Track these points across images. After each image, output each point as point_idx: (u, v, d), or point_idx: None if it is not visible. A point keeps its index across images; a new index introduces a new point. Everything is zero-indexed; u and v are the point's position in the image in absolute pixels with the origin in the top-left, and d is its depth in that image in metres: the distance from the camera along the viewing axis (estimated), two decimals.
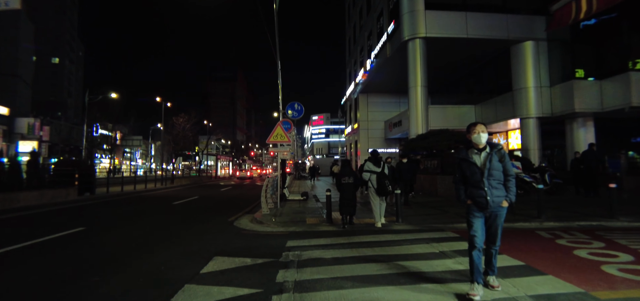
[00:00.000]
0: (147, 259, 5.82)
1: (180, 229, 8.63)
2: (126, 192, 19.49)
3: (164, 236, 7.79)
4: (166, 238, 7.51)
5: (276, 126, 12.25)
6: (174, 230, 8.57)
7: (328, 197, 8.66)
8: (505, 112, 21.50)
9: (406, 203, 11.20)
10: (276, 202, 12.18)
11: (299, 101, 16.99)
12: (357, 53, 34.64)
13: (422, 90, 19.70)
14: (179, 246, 6.67)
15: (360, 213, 9.91)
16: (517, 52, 20.34)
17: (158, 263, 5.50)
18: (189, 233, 8.01)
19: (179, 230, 8.44)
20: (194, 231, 8.27)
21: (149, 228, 8.84)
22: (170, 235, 7.83)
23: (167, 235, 7.92)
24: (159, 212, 12.00)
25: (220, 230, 8.41)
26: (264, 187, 10.88)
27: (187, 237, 7.59)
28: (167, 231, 8.34)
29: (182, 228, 8.72)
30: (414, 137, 18.84)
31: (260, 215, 10.04)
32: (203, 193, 20.40)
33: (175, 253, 6.13)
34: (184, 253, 6.16)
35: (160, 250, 6.41)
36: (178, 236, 7.73)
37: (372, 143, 31.74)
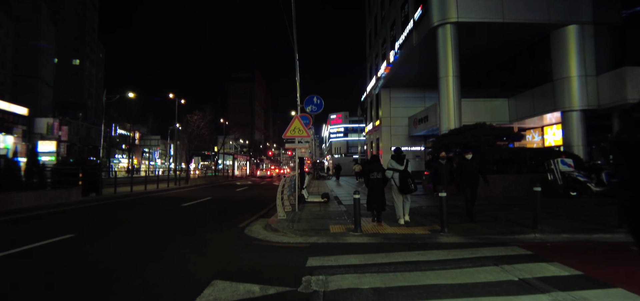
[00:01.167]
0: (128, 282, 4.44)
1: (182, 238, 7.27)
2: (136, 193, 18.42)
3: (159, 247, 6.44)
4: (161, 251, 6.15)
5: (293, 119, 10.82)
6: (174, 239, 7.22)
7: (356, 201, 7.14)
8: (544, 105, 19.50)
9: (471, 218, 8.22)
10: (294, 204, 10.75)
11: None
12: (379, 46, 32.95)
13: (454, 80, 17.93)
14: (172, 264, 5.28)
15: (387, 216, 8.37)
16: (559, 38, 18.35)
17: (139, 291, 4.11)
18: (190, 245, 6.64)
19: (180, 240, 7.08)
20: (196, 242, 6.89)
21: (145, 237, 7.51)
22: (168, 247, 6.47)
23: (164, 246, 6.56)
24: (162, 216, 10.73)
25: (227, 240, 7.01)
26: (279, 188, 9.45)
27: (186, 250, 6.21)
28: (165, 241, 6.98)
29: (183, 237, 7.36)
30: (446, 132, 17.12)
31: (275, 221, 8.61)
32: (217, 194, 19.19)
33: (167, 274, 4.75)
34: (176, 274, 4.77)
35: (148, 269, 5.04)
36: (177, 248, 6.36)
37: (395, 141, 30.00)
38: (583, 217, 8.30)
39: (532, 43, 20.41)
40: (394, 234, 6.98)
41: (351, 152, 77.67)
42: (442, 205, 7.04)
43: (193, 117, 30.61)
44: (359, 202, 7.22)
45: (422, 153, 29.26)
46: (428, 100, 29.52)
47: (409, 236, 6.81)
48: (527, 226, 7.25)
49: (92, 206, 12.81)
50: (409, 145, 29.94)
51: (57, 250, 6.21)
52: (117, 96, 51.66)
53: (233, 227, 8.55)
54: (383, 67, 28.53)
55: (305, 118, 16.60)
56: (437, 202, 12.61)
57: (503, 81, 23.86)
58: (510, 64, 23.12)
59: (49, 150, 50.28)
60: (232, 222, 9.31)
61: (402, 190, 7.92)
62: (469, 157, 8.42)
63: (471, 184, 8.30)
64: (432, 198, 13.50)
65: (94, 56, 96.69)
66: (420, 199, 13.44)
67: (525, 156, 13.74)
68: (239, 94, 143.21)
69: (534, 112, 20.30)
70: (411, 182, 7.81)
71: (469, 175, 8.26)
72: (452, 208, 9.54)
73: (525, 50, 21.33)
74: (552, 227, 7.10)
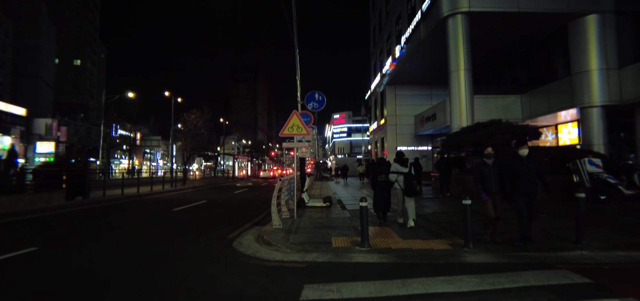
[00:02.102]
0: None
1: (158, 254, 6.15)
2: (127, 196, 17.33)
3: (125, 268, 5.32)
4: (126, 274, 5.03)
5: (292, 115, 9.68)
6: (148, 255, 6.10)
7: (363, 210, 5.98)
8: (561, 101, 18.26)
9: (526, 243, 5.79)
10: (293, 208, 9.59)
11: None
12: (384, 42, 31.76)
13: (465, 74, 16.73)
14: (133, 296, 4.15)
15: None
16: (578, 29, 17.12)
17: None
18: (165, 263, 5.52)
19: (155, 257, 5.96)
20: (173, 259, 5.77)
21: (115, 252, 6.39)
22: (137, 268, 5.35)
23: (133, 266, 5.44)
24: (146, 223, 9.61)
25: (209, 257, 5.88)
26: (275, 192, 8.28)
27: (158, 271, 5.09)
28: (136, 259, 5.86)
29: (160, 253, 6.24)
30: (457, 130, 15.92)
31: (270, 231, 7.47)
32: (213, 197, 18.09)
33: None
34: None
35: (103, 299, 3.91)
36: (148, 268, 5.25)
37: (400, 140, 28.82)
38: (628, 227, 7.11)
39: (548, 35, 19.19)
40: (408, 249, 5.82)
41: (355, 152, 76.63)
42: (466, 214, 5.88)
43: (190, 116, 29.51)
44: (367, 211, 6.06)
45: (429, 153, 28.02)
46: (435, 98, 28.31)
47: (428, 252, 5.65)
48: (566, 239, 6.08)
49: (73, 212, 11.71)
50: (415, 144, 28.74)
51: (5, 269, 5.11)
52: (117, 96, 50.91)
53: (221, 238, 7.42)
54: (388, 63, 27.34)
55: (306, 116, 15.51)
56: (450, 206, 11.46)
57: (516, 76, 22.61)
58: (524, 58, 21.86)
59: (47, 150, 49.46)
60: (221, 231, 8.18)
61: (407, 192, 7.78)
62: (524, 153, 5.89)
63: (527, 193, 5.79)
64: (445, 202, 12.33)
65: (96, 56, 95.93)
66: (431, 203, 12.26)
67: (547, 156, 12.53)
68: (242, 94, 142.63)
69: (550, 108, 19.07)
70: (416, 184, 7.74)
71: (525, 181, 5.76)
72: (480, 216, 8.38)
73: (540, 43, 20.09)
74: (598, 241, 5.91)
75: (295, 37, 14.44)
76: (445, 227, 7.66)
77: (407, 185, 7.72)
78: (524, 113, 20.97)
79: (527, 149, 5.98)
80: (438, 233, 7.10)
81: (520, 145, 6.06)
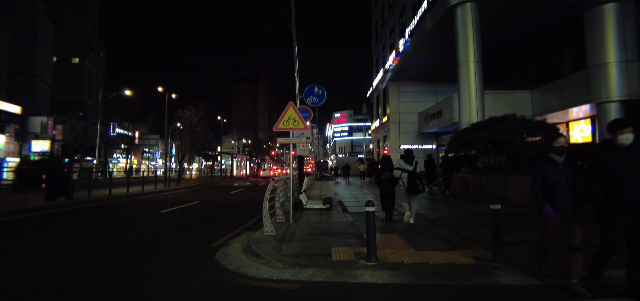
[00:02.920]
0: None
1: (120, 268, 5.13)
2: (115, 196, 16.33)
3: (89, 283, 4.29)
4: (85, 295, 4.01)
5: (287, 107, 8.63)
6: (108, 270, 5.08)
7: (370, 217, 4.94)
8: (575, 96, 17.23)
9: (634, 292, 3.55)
10: (289, 211, 8.55)
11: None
12: (386, 36, 30.70)
13: (475, 66, 15.69)
14: None
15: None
16: (594, 18, 16.09)
17: None
18: (126, 281, 4.50)
19: (122, 272, 4.95)
20: (139, 273, 4.78)
21: (78, 264, 5.38)
22: (99, 285, 4.33)
23: (97, 283, 4.42)
24: (126, 229, 8.59)
25: (185, 273, 4.85)
26: (267, 193, 7.22)
27: (113, 293, 4.07)
28: (100, 274, 4.84)
29: (124, 266, 5.23)
30: (467, 126, 14.87)
31: (260, 239, 6.45)
32: (207, 197, 17.09)
33: None
34: None
35: None
36: (101, 289, 4.22)
37: (404, 138, 27.76)
38: None
39: (561, 26, 18.16)
40: (425, 264, 4.78)
41: (356, 151, 75.58)
42: (496, 222, 4.83)
43: (185, 113, 28.44)
44: (374, 218, 5.03)
45: (434, 152, 26.91)
46: (440, 95, 27.27)
47: (449, 269, 4.61)
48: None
49: (45, 215, 10.69)
50: (419, 143, 27.69)
51: None
52: (114, 94, 49.96)
53: (204, 247, 6.41)
54: (391, 58, 26.28)
55: (305, 111, 14.50)
56: (463, 208, 10.44)
57: (526, 71, 21.57)
58: (534, 52, 20.81)
59: (42, 149, 48.51)
60: (207, 238, 7.17)
61: (410, 190, 7.77)
62: (626, 140, 3.58)
63: (633, 207, 3.51)
64: (456, 204, 11.28)
65: (94, 55, 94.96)
66: (442, 205, 11.21)
67: (567, 153, 11.46)
68: (243, 94, 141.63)
69: (563, 104, 18.05)
70: (420, 182, 7.72)
71: (627, 187, 3.50)
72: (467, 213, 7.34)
73: (552, 35, 19.05)
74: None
75: (294, 26, 13.43)
76: (462, 234, 6.62)
77: (411, 183, 7.69)
78: (535, 109, 19.94)
79: (632, 134, 3.60)
80: (456, 241, 6.07)
81: (552, 139, 4.00)
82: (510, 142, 11.97)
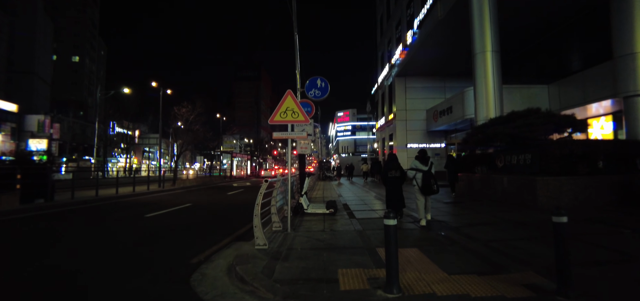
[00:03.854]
0: None
1: (64, 295, 3.90)
2: (101, 198, 15.13)
3: None
4: None
5: (285, 97, 7.39)
6: (48, 297, 3.85)
7: (390, 231, 3.69)
8: (600, 89, 15.86)
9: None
10: (287, 216, 7.28)
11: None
12: (392, 30, 29.39)
13: (493, 56, 14.38)
14: None
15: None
16: (622, 4, 14.72)
17: None
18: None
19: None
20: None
21: (14, 292, 4.16)
22: None
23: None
24: (98, 236, 7.40)
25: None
26: (259, 197, 5.92)
27: None
28: None
29: (72, 290, 4.00)
30: (484, 121, 13.57)
31: (249, 256, 5.21)
32: (201, 199, 15.89)
33: None
34: None
35: None
36: None
37: (411, 136, 26.45)
38: None
39: (583, 14, 16.82)
40: (465, 297, 3.52)
41: (359, 151, 74.28)
42: (561, 243, 3.55)
43: (181, 109, 27.20)
44: (396, 232, 3.76)
45: (443, 151, 25.58)
46: (449, 91, 25.96)
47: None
48: None
49: (13, 220, 9.50)
50: (427, 141, 26.37)
51: None
52: (112, 92, 48.93)
53: (182, 265, 5.20)
54: (398, 51, 24.99)
55: (307, 106, 13.30)
56: (488, 215, 9.16)
57: (542, 64, 20.21)
58: (553, 43, 19.45)
59: (39, 148, 47.54)
60: (187, 251, 5.99)
61: (424, 191, 7.61)
62: None
63: None
64: (480, 210, 9.98)
65: (95, 53, 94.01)
66: (460, 210, 9.91)
67: (605, 151, 10.14)
68: (245, 93, 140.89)
69: (585, 99, 16.71)
70: (434, 182, 7.57)
71: None
72: (532, 228, 6.04)
73: (573, 24, 17.70)
74: None
75: (294, 10, 12.21)
76: (500, 249, 5.35)
77: (425, 183, 7.54)
78: (552, 105, 18.59)
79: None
80: (494, 260, 4.80)
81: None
82: (534, 139, 10.70)
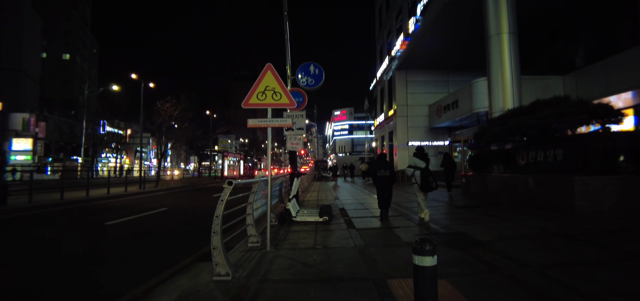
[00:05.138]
0: None
1: None
2: (66, 201, 13.38)
3: None
4: None
5: (263, 72, 5.68)
6: None
7: (427, 280, 2.01)
8: (626, 78, 14.25)
9: None
10: (267, 228, 5.53)
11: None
12: (392, 19, 27.69)
13: (510, 38, 12.70)
14: None
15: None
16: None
17: None
18: None
19: None
20: None
21: None
22: None
23: None
24: (30, 253, 5.69)
25: None
26: (220, 203, 4.16)
27: None
28: None
29: None
30: (499, 114, 11.88)
31: (202, 293, 3.52)
32: (180, 203, 14.19)
33: None
34: None
35: None
36: None
37: (412, 133, 24.77)
38: None
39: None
40: None
41: (357, 151, 72.69)
42: None
43: (165, 104, 25.36)
44: (436, 278, 2.06)
45: (447, 148, 23.88)
46: (452, 85, 24.33)
47: None
48: None
49: None
50: (429, 139, 24.69)
51: None
52: (101, 89, 47.08)
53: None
54: (399, 42, 23.31)
55: (298, 95, 11.60)
56: (508, 221, 7.53)
57: (557, 53, 18.56)
58: (568, 30, 17.80)
59: (24, 148, 45.64)
60: (127, 277, 4.31)
61: (423, 187, 7.62)
62: None
63: None
64: (497, 213, 8.29)
65: (87, 51, 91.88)
66: (480, 217, 8.22)
67: None
68: (241, 92, 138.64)
69: (608, 90, 15.08)
70: (433, 180, 7.55)
71: None
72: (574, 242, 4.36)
73: (594, 8, 16.07)
74: None
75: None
76: (567, 284, 3.66)
77: (424, 180, 7.55)
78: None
79: None
80: (549, 294, 3.13)
81: None
82: (563, 132, 9.06)
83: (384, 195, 8.03)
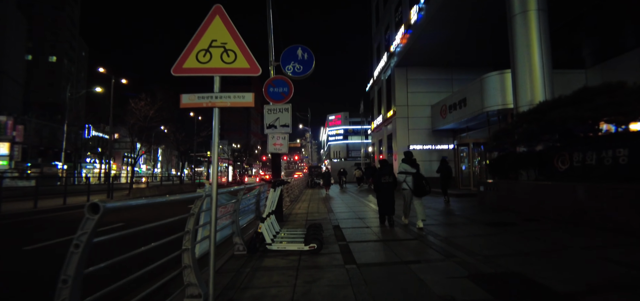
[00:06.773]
0: None
1: None
2: (2, 215, 11.09)
3: None
4: None
5: (208, 19, 3.48)
6: None
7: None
8: None
9: None
10: (209, 275, 3.37)
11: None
12: (391, 13, 25.61)
13: (540, 16, 10.61)
14: None
15: None
16: None
17: None
18: None
19: None
20: None
21: None
22: None
23: None
24: None
25: None
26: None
27: None
28: None
29: None
30: (526, 108, 9.75)
31: None
32: (145, 215, 11.97)
33: None
34: None
35: None
36: None
37: (413, 136, 22.64)
38: None
39: None
40: None
41: (352, 156, 70.54)
42: None
43: (139, 103, 23.01)
44: None
45: (451, 153, 21.74)
46: (456, 84, 22.29)
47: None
48: None
49: None
50: (432, 142, 22.56)
51: None
52: (83, 91, 44.69)
53: None
54: (398, 36, 21.23)
55: (281, 84, 9.49)
56: (567, 250, 5.33)
57: (577, 45, 16.56)
58: (589, 20, 15.82)
59: (0, 153, 43.04)
60: None
61: (417, 192, 7.48)
62: None
63: None
64: (538, 236, 6.12)
65: (75, 53, 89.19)
66: (527, 245, 6.05)
67: None
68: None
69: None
70: (425, 183, 7.46)
71: None
72: None
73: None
74: None
75: None
76: None
77: (417, 185, 7.44)
78: None
79: None
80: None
81: None
82: (629, 122, 6.96)
83: (387, 202, 7.80)
